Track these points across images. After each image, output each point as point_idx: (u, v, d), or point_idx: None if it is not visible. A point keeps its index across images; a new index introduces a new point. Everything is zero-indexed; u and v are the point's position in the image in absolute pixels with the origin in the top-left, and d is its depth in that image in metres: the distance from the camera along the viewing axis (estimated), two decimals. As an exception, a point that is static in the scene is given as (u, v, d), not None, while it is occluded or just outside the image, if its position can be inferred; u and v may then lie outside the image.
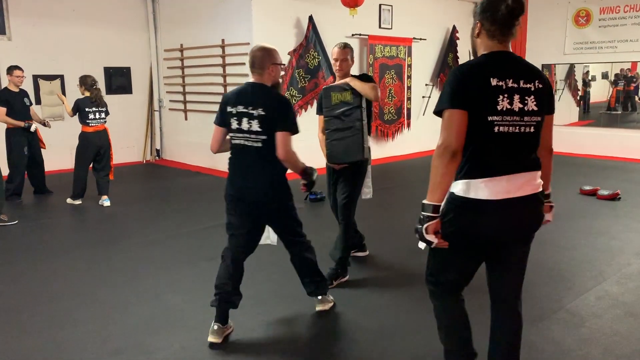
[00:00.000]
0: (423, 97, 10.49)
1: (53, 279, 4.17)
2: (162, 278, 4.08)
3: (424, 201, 2.13)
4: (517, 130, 2.09)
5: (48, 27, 8.56)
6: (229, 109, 3.02)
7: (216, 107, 3.14)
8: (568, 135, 10.43)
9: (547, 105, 2.17)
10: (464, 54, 11.14)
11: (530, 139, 2.15)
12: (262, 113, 2.92)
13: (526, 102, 2.09)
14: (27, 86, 8.30)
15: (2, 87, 8.24)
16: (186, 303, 3.63)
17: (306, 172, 3.16)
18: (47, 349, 3.04)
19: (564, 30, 10.24)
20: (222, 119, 3.08)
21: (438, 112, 2.12)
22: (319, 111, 4.07)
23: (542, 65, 10.52)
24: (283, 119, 2.95)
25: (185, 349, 2.99)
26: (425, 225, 2.12)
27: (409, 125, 10.18)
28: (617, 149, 9.71)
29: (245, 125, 2.97)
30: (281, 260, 4.50)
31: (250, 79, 3.07)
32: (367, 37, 9.11)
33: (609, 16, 9.69)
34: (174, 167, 9.37)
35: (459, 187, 2.13)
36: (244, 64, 8.01)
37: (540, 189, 2.22)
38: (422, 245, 2.22)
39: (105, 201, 6.43)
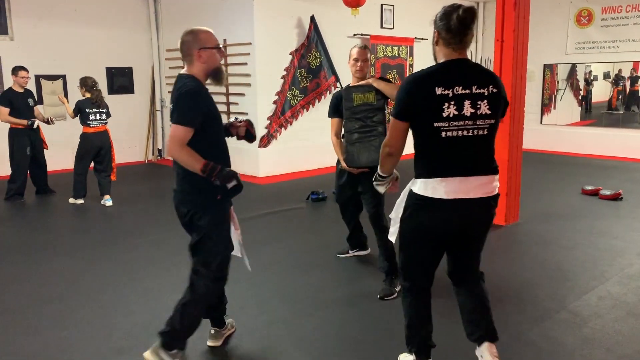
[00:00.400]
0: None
1: (56, 279, 4.17)
2: (165, 278, 4.09)
3: (379, 171, 2.62)
4: (469, 134, 2.30)
5: (50, 27, 8.58)
6: None
7: (219, 107, 3.04)
8: (570, 135, 10.43)
9: (501, 109, 2.37)
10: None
11: (483, 141, 2.35)
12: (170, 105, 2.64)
13: (479, 106, 2.28)
14: (30, 86, 8.32)
15: (5, 86, 8.29)
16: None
17: (206, 173, 2.51)
18: (51, 349, 3.04)
19: (566, 30, 10.23)
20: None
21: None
22: (333, 114, 4.01)
23: (544, 65, 10.53)
24: (173, 110, 2.55)
25: (188, 348, 2.99)
26: (378, 182, 2.66)
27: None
28: (619, 149, 9.70)
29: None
30: (284, 259, 4.52)
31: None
32: (368, 37, 9.12)
33: (611, 16, 9.68)
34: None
35: (417, 186, 2.39)
36: (246, 64, 8.03)
37: (495, 192, 2.41)
38: (392, 237, 2.65)
39: (108, 201, 6.43)
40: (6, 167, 6.94)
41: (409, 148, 2.32)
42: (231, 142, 3.05)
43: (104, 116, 6.50)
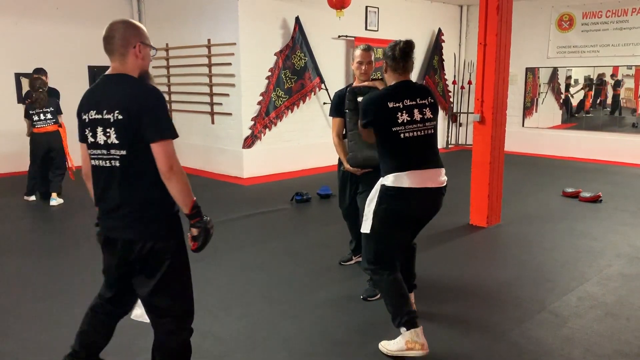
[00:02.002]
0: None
1: (79, 274, 4.13)
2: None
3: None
4: (421, 134, 2.94)
5: (30, 25, 8.45)
6: (83, 116, 2.21)
7: (202, 108, 3.00)
8: (551, 138, 10.57)
9: (437, 113, 3.03)
10: (449, 56, 11.24)
11: (431, 138, 3.00)
12: (120, 117, 2.08)
13: (424, 112, 2.95)
14: (9, 84, 8.22)
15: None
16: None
17: (194, 211, 2.17)
18: (33, 349, 3.00)
19: (548, 35, 10.37)
20: (79, 132, 2.25)
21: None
22: (336, 113, 3.97)
23: (526, 68, 10.67)
24: (153, 122, 2.08)
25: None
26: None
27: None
28: (600, 152, 9.87)
29: (100, 137, 2.14)
30: (268, 261, 4.51)
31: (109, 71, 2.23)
32: (353, 38, 9.15)
33: (592, 21, 9.84)
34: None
35: (389, 180, 2.90)
36: (230, 64, 8.00)
37: (445, 184, 3.00)
38: (365, 230, 3.02)
39: (52, 200, 6.37)
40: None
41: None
42: (215, 143, 3.03)
43: (49, 115, 6.36)
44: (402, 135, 2.90)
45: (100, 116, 2.11)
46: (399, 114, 2.89)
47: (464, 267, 4.37)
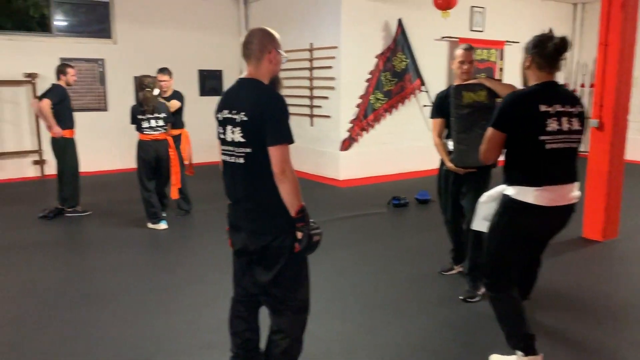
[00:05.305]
0: (514, 102, 10.05)
1: (147, 271, 4.41)
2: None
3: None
4: (565, 146, 2.56)
5: (148, 32, 9.09)
6: (218, 115, 2.39)
7: (302, 110, 2.97)
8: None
9: (584, 126, 2.67)
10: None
11: (573, 153, 2.63)
12: (245, 119, 2.22)
13: (572, 122, 2.57)
14: (129, 87, 8.89)
15: (108, 87, 8.89)
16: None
17: (301, 215, 2.26)
18: (145, 338, 3.20)
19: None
20: (217, 130, 2.41)
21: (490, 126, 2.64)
22: (436, 114, 3.90)
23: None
24: (273, 126, 2.21)
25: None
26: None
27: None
28: None
29: (229, 135, 2.30)
30: (364, 264, 4.48)
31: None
32: (457, 39, 8.88)
33: None
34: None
35: (515, 193, 2.61)
36: (331, 67, 8.08)
37: (577, 200, 2.66)
38: (478, 227, 2.95)
39: (161, 222, 5.60)
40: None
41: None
42: (313, 144, 3.04)
43: (160, 122, 5.46)
44: (547, 146, 2.51)
45: (230, 115, 2.28)
46: (549, 120, 2.51)
47: (579, 284, 4.06)
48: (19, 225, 5.72)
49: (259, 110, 2.19)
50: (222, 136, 2.34)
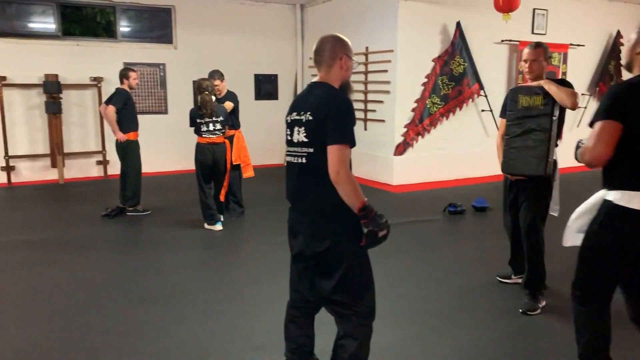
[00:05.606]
0: (578, 107, 9.62)
1: (202, 271, 4.48)
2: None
3: None
4: None
5: (207, 37, 9.32)
6: (287, 118, 2.43)
7: (356, 115, 2.90)
8: None
9: None
10: (629, 61, 10.04)
11: None
12: (310, 118, 2.26)
13: None
14: (188, 90, 9.13)
15: (164, 92, 9.17)
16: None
17: (364, 212, 2.20)
18: (198, 337, 3.25)
19: None
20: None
21: (591, 123, 2.27)
22: (503, 113, 3.78)
23: None
24: (335, 126, 2.19)
25: (326, 352, 3.00)
26: None
27: (561, 136, 9.40)
28: None
29: (295, 135, 2.33)
30: (418, 272, 4.38)
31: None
32: (517, 43, 8.61)
33: None
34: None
35: (617, 197, 2.29)
36: (386, 71, 8.00)
37: None
38: (570, 242, 2.56)
39: (218, 223, 5.69)
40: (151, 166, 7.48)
41: (560, 162, 2.10)
42: (366, 149, 2.97)
43: (218, 126, 5.53)
44: None
45: (298, 117, 2.31)
46: None
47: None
48: (82, 222, 5.97)
49: (324, 110, 2.20)
50: (288, 137, 2.37)
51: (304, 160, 2.28)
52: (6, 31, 8.12)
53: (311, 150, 2.25)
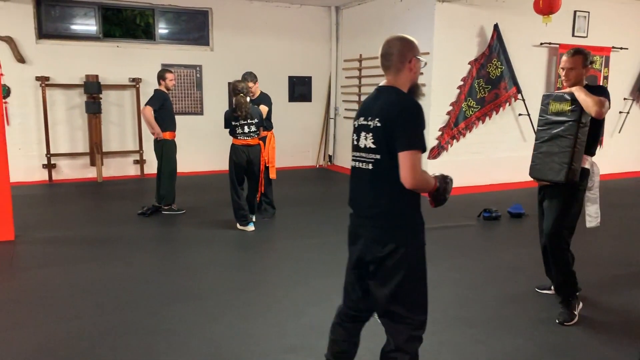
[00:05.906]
0: (620, 112, 9.32)
1: (235, 271, 4.51)
2: (334, 279, 4.14)
3: None
4: None
5: (242, 39, 9.42)
6: (355, 123, 2.39)
7: None
8: None
9: None
10: (676, 65, 9.68)
11: None
12: (378, 124, 2.21)
13: None
14: (223, 92, 9.23)
15: (200, 93, 9.30)
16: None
17: (439, 184, 2.36)
18: (230, 337, 3.27)
19: None
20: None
21: None
22: None
23: None
24: (405, 132, 2.15)
25: (359, 357, 2.98)
26: None
27: (601, 142, 9.12)
28: None
29: (362, 141, 2.30)
30: (453, 278, 4.30)
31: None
32: (557, 46, 8.40)
33: None
34: (344, 172, 9.61)
35: None
36: (422, 73, 7.88)
37: None
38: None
39: (249, 225, 5.71)
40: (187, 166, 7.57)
41: (601, 168, 2.03)
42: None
43: (253, 128, 5.55)
44: None
45: (365, 122, 2.26)
46: None
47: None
48: (119, 220, 6.09)
49: (393, 116, 2.16)
50: (355, 142, 2.33)
51: (370, 167, 2.25)
52: (50, 33, 8.38)
53: (378, 156, 2.21)
